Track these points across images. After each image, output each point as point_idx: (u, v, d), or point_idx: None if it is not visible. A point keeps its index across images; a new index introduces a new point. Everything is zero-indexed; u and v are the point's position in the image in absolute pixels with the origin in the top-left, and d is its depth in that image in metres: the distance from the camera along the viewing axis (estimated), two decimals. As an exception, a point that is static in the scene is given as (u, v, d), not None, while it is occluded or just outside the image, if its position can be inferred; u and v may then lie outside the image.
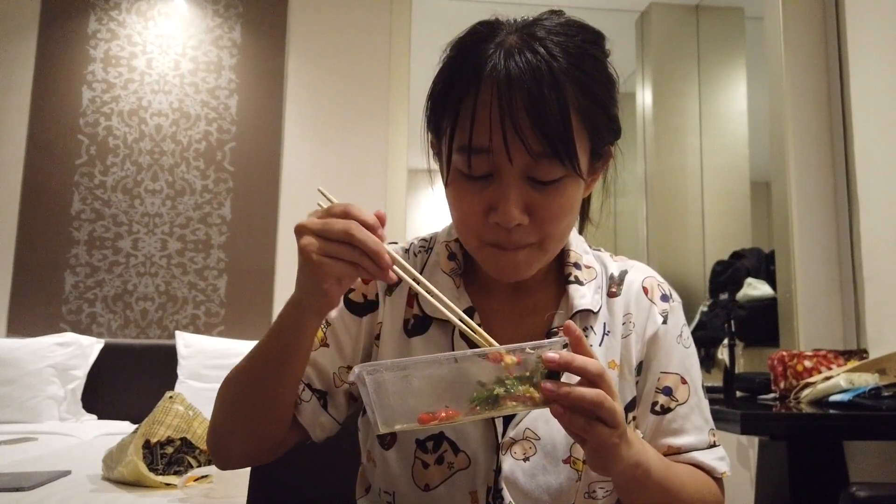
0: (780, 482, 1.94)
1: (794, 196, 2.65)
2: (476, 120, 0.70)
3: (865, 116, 2.48)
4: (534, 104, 0.68)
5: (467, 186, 0.73)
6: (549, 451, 0.76)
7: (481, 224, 0.73)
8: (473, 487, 0.75)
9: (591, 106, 0.73)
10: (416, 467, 0.77)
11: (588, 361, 0.62)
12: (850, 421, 1.75)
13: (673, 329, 0.84)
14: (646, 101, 3.93)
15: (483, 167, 0.71)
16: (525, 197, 0.71)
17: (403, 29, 3.37)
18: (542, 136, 0.68)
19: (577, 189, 0.74)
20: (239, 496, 1.45)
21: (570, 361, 0.61)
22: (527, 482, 0.75)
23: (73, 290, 3.16)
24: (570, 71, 0.70)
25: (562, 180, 0.72)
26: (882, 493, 1.15)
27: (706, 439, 0.81)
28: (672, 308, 0.85)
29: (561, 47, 0.71)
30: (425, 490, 0.76)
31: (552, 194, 0.72)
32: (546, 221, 0.72)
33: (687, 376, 0.82)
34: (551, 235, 0.74)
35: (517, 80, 0.68)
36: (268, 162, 3.30)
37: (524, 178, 0.71)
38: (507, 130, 0.68)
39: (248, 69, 3.35)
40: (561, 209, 0.73)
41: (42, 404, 2.76)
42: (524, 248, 0.74)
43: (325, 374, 0.82)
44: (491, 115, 0.69)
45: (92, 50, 3.30)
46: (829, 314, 2.58)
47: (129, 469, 1.64)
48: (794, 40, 2.72)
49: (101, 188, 3.23)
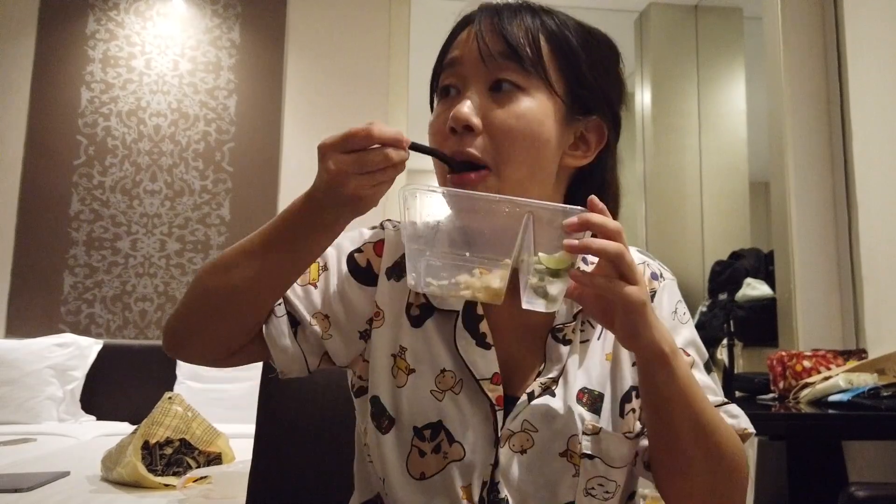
0: (780, 482, 1.94)
1: (792, 196, 2.65)
2: (454, 42, 0.77)
3: (864, 116, 2.48)
4: (499, 15, 0.75)
5: (439, 108, 0.77)
6: (546, 443, 0.75)
7: (444, 139, 0.74)
8: (468, 481, 0.74)
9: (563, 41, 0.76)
10: (412, 455, 0.76)
11: (607, 219, 0.64)
12: (849, 421, 1.75)
13: (667, 305, 0.82)
14: (645, 102, 3.94)
15: (453, 80, 0.76)
16: (483, 105, 0.73)
17: (402, 28, 3.37)
18: (504, 40, 0.73)
19: (542, 112, 0.73)
20: (238, 496, 1.45)
21: (589, 219, 0.63)
22: (524, 475, 0.74)
23: (72, 290, 3.16)
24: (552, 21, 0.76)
25: (523, 91, 0.73)
26: (881, 493, 1.15)
27: (714, 399, 0.77)
28: (664, 286, 0.83)
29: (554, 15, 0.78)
30: (420, 479, 0.75)
31: (510, 103, 0.73)
32: (498, 132, 0.72)
33: (688, 350, 0.80)
34: (506, 156, 0.72)
35: (500, 8, 0.75)
36: (267, 162, 3.30)
37: (487, 88, 0.74)
38: (473, 41, 0.74)
39: (247, 69, 3.35)
40: (517, 121, 0.72)
41: (41, 405, 2.76)
42: (479, 177, 0.72)
43: (302, 306, 0.78)
44: (463, 35, 0.77)
45: (90, 50, 3.29)
46: (828, 314, 2.58)
47: (128, 470, 1.63)
48: (793, 40, 2.72)
49: (99, 189, 3.22)
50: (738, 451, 0.74)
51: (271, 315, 0.78)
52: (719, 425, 0.71)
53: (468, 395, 0.76)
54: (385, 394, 0.78)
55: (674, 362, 0.67)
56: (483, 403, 0.76)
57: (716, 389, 0.80)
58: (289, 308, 0.79)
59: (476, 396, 0.76)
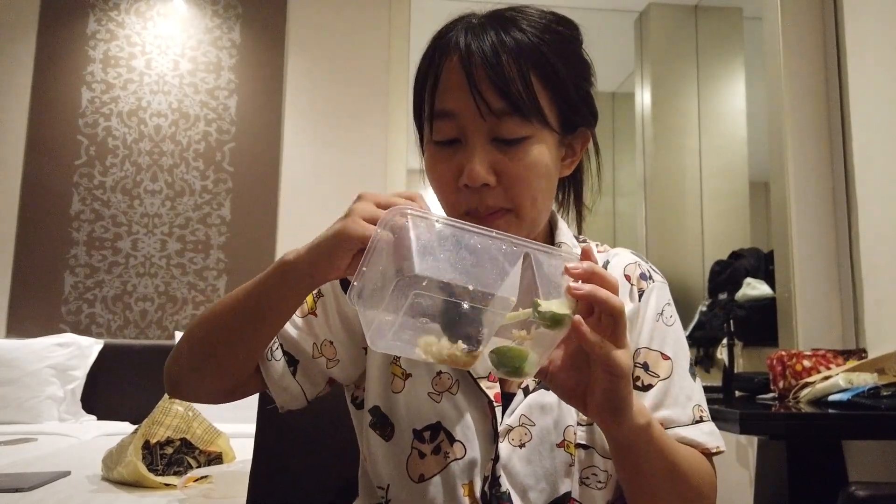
0: (779, 481, 1.94)
1: (792, 196, 2.66)
2: (441, 87, 0.75)
3: (864, 116, 2.49)
4: (491, 66, 0.72)
5: (439, 155, 0.76)
6: (543, 435, 0.76)
7: (454, 191, 0.75)
8: (470, 478, 0.75)
9: (552, 72, 0.75)
10: (412, 458, 0.77)
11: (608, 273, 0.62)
12: (849, 420, 1.75)
13: (653, 306, 0.83)
14: (644, 102, 3.94)
15: (450, 132, 0.75)
16: (491, 158, 0.73)
17: (403, 29, 3.37)
18: (502, 94, 0.72)
19: (547, 153, 0.75)
20: (239, 496, 1.45)
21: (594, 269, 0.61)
22: (523, 468, 0.75)
23: (73, 290, 3.16)
24: (529, 41, 0.74)
25: (528, 140, 0.74)
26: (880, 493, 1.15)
27: (689, 414, 0.79)
28: (652, 287, 0.84)
29: (527, 23, 0.75)
30: (419, 481, 0.76)
31: (518, 154, 0.73)
32: (514, 183, 0.73)
33: (669, 352, 0.81)
34: (523, 200, 0.74)
35: (476, 48, 0.73)
36: (267, 162, 3.31)
37: (490, 140, 0.74)
38: (467, 92, 0.72)
39: (248, 69, 3.35)
40: (528, 170, 0.74)
41: (41, 405, 2.76)
42: (499, 215, 0.74)
43: (304, 341, 0.80)
44: (453, 80, 0.74)
45: (91, 50, 3.30)
46: (827, 314, 2.58)
47: (129, 469, 1.64)
48: (793, 40, 2.72)
49: (100, 189, 3.23)
50: (707, 480, 0.76)
51: (271, 357, 0.80)
52: (691, 468, 0.74)
53: (466, 395, 0.78)
54: (384, 402, 0.80)
55: (650, 433, 0.67)
56: (481, 401, 0.77)
57: (687, 399, 0.80)
58: (287, 347, 0.81)
59: (474, 395, 0.78)
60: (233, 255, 3.24)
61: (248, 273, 3.23)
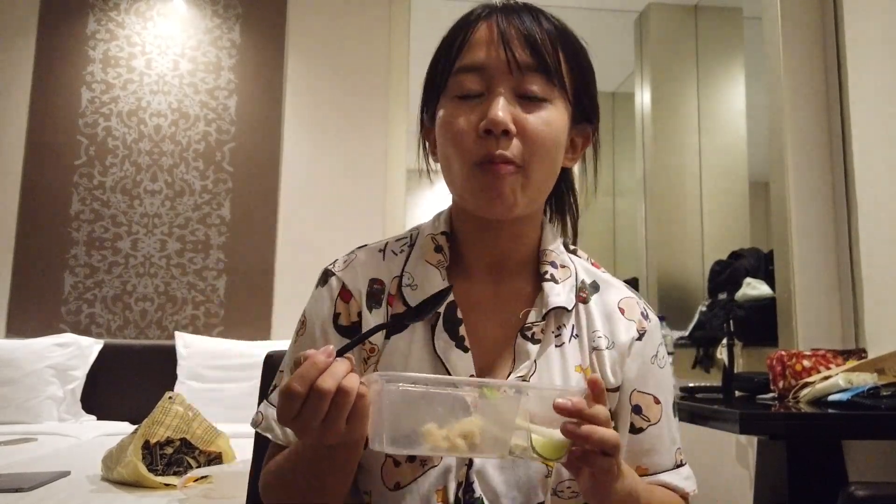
0: (779, 481, 1.94)
1: (792, 196, 2.65)
2: (470, 43, 0.78)
3: (864, 116, 2.49)
4: (525, 25, 0.77)
5: (462, 107, 0.77)
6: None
7: (473, 140, 0.76)
8: (443, 484, 0.76)
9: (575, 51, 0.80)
10: (385, 466, 0.77)
11: (599, 408, 0.66)
12: (849, 420, 1.75)
13: (649, 349, 0.84)
14: (644, 102, 3.94)
15: (476, 85, 0.77)
16: (514, 112, 0.76)
17: (403, 29, 3.37)
18: (532, 50, 0.76)
19: (561, 121, 0.79)
20: (239, 496, 1.45)
21: (582, 409, 0.65)
22: (496, 475, 0.76)
23: (73, 290, 3.16)
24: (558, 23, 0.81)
25: (548, 102, 0.77)
26: (880, 493, 1.15)
27: (673, 459, 0.83)
28: (649, 328, 0.85)
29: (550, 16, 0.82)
30: (395, 489, 0.77)
31: (539, 111, 0.76)
32: (531, 137, 0.75)
33: (660, 397, 0.83)
34: (535, 159, 0.76)
35: (511, 9, 0.79)
36: (267, 162, 3.31)
37: (514, 95, 0.76)
38: (499, 47, 0.76)
39: (248, 69, 3.35)
40: (546, 128, 0.76)
41: (41, 405, 2.76)
42: (510, 170, 0.75)
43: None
44: (485, 36, 0.77)
45: (91, 51, 3.30)
46: (827, 314, 2.58)
47: (129, 469, 1.64)
48: (793, 40, 2.72)
49: (100, 189, 3.23)
50: None
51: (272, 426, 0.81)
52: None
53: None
54: None
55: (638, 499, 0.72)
56: None
57: (671, 443, 0.84)
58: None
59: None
60: (233, 255, 3.24)
61: (247, 273, 3.24)
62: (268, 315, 3.21)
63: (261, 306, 3.22)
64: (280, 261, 3.24)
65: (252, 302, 3.22)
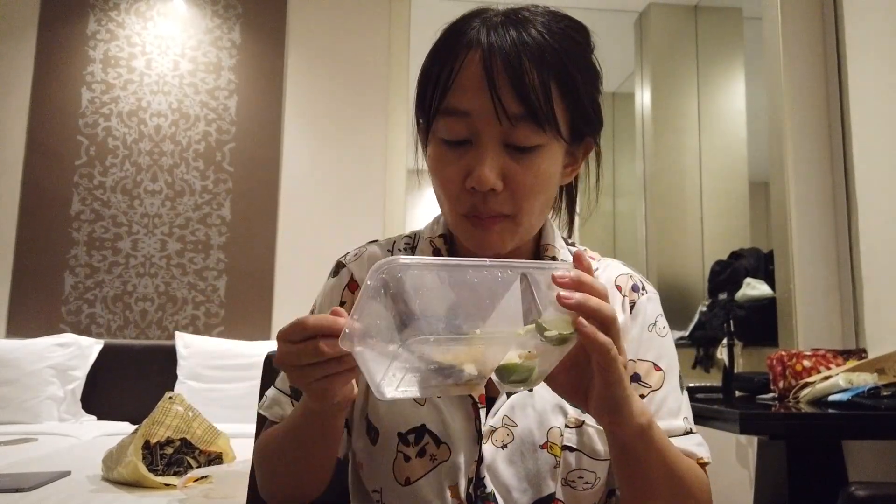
0: (779, 481, 1.95)
1: (792, 196, 2.66)
2: (457, 84, 0.73)
3: (864, 116, 2.49)
4: (513, 69, 0.70)
5: (448, 154, 0.74)
6: (525, 436, 0.77)
7: (459, 191, 0.74)
8: (455, 480, 0.76)
9: (570, 82, 0.74)
10: (397, 461, 0.77)
11: (596, 280, 0.62)
12: (849, 420, 1.75)
13: (645, 317, 0.83)
14: (644, 102, 3.94)
15: (462, 132, 0.73)
16: (502, 163, 0.72)
17: (402, 29, 3.37)
18: (521, 99, 0.70)
19: (555, 162, 0.75)
20: (239, 496, 1.45)
21: (581, 277, 0.61)
22: (506, 469, 0.76)
23: (73, 290, 3.16)
24: (551, 46, 0.73)
25: (540, 149, 0.73)
26: (880, 493, 1.15)
27: (682, 425, 0.80)
28: (646, 297, 0.85)
29: (544, 27, 0.74)
30: (406, 484, 0.77)
31: (529, 162, 0.73)
32: (521, 190, 0.73)
33: (661, 364, 0.81)
34: (526, 208, 0.74)
35: (498, 48, 0.71)
36: (267, 162, 3.31)
37: (502, 145, 0.72)
38: (486, 93, 0.71)
39: (248, 70, 3.36)
40: (536, 179, 0.73)
41: (42, 405, 2.76)
42: (499, 220, 0.74)
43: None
44: (471, 78, 0.72)
45: (91, 51, 3.30)
46: (827, 314, 2.58)
47: (129, 469, 1.64)
48: (793, 40, 2.72)
49: (100, 189, 3.23)
50: (703, 488, 0.76)
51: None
52: (688, 473, 0.74)
53: (450, 397, 0.78)
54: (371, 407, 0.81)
55: (651, 434, 0.67)
56: (465, 403, 0.78)
57: (685, 411, 0.81)
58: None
59: (458, 397, 0.78)
60: (233, 255, 3.25)
61: (247, 273, 3.24)
62: (268, 315, 3.22)
63: (261, 306, 3.22)
64: (280, 261, 3.25)
65: (252, 302, 3.22)
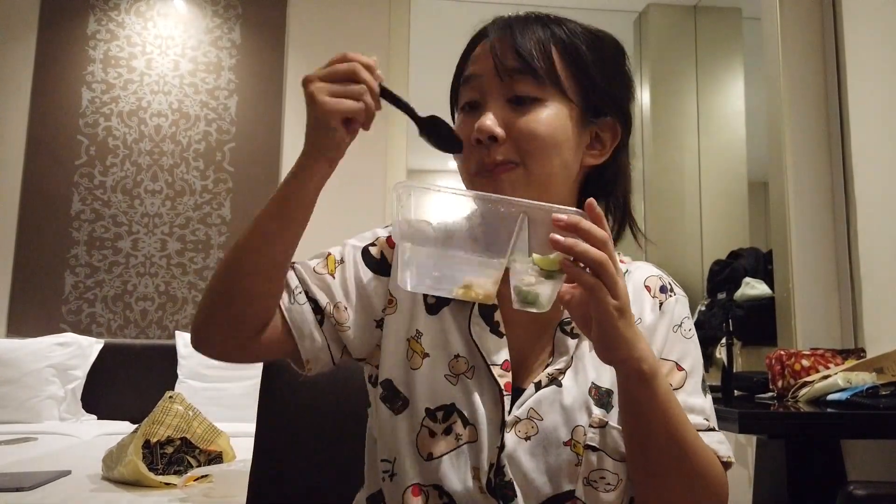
0: (778, 481, 1.95)
1: (791, 196, 2.66)
2: (472, 58, 0.83)
3: (863, 116, 2.49)
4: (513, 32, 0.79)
5: (465, 119, 0.81)
6: (550, 432, 0.77)
7: (469, 150, 0.80)
8: (477, 463, 0.77)
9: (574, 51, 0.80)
10: (421, 434, 0.78)
11: (596, 227, 0.65)
12: (848, 420, 1.76)
13: (672, 319, 0.84)
14: (644, 102, 3.94)
15: (472, 94, 0.81)
16: (504, 115, 0.78)
17: (402, 29, 3.38)
18: (518, 55, 0.78)
19: (561, 119, 0.79)
20: (239, 495, 1.46)
21: (578, 222, 0.64)
22: (527, 461, 0.77)
23: (73, 290, 3.16)
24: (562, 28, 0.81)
25: (541, 102, 0.78)
26: (880, 492, 1.15)
27: (702, 422, 0.79)
28: (672, 300, 0.85)
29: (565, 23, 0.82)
30: (427, 459, 0.77)
31: (530, 113, 0.78)
32: (522, 136, 0.77)
33: (684, 365, 0.82)
34: (531, 154, 0.77)
35: (511, 22, 0.81)
36: (267, 162, 3.31)
37: (505, 100, 0.79)
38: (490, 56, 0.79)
39: (248, 70, 3.36)
40: (538, 125, 0.77)
41: (42, 404, 2.77)
42: (507, 168, 0.77)
43: (323, 295, 0.81)
44: (481, 50, 0.82)
45: (91, 51, 3.30)
46: (826, 313, 2.59)
47: (129, 469, 1.64)
48: (792, 40, 2.72)
49: (100, 188, 3.23)
50: (718, 476, 0.75)
51: (293, 301, 0.80)
52: (699, 450, 0.73)
53: (479, 381, 0.79)
54: (398, 376, 0.81)
55: (653, 383, 0.68)
56: (493, 389, 0.79)
57: (707, 412, 0.81)
58: (311, 294, 0.81)
59: (486, 382, 0.79)
60: (233, 254, 3.25)
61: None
62: (268, 315, 3.22)
63: (261, 306, 3.22)
64: (280, 261, 3.25)
65: (252, 302, 3.22)
